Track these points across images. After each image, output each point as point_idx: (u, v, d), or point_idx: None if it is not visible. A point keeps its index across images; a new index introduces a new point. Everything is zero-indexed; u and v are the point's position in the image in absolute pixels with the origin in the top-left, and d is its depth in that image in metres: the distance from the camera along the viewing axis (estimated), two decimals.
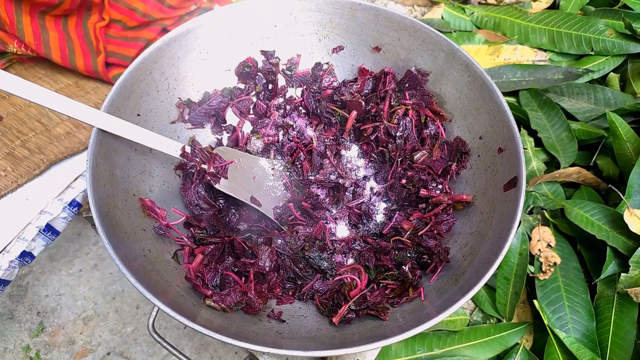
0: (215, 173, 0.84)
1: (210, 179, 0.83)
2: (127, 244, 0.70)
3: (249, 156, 0.90)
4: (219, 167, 0.84)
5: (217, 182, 0.84)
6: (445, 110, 0.89)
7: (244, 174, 0.88)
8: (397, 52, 0.92)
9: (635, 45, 1.23)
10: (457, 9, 1.48)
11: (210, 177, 0.83)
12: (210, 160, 0.83)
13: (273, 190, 0.91)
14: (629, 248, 0.95)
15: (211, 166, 0.83)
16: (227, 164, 0.85)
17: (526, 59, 1.32)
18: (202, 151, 0.83)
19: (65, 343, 1.14)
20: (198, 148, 0.83)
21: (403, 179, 0.87)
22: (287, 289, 0.80)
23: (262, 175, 0.90)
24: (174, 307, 0.62)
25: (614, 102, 1.18)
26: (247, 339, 0.62)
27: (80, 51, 1.13)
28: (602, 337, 0.95)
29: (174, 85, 0.88)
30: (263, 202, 0.88)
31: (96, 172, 0.71)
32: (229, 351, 1.14)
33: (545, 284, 1.02)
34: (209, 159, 0.83)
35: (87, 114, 0.72)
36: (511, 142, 0.77)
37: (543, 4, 1.48)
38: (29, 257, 0.98)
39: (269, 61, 0.95)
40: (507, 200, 0.75)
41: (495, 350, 1.00)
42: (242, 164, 0.88)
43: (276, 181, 0.91)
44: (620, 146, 1.05)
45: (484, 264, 0.69)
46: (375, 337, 0.66)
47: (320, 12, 0.91)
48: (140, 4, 1.20)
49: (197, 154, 0.82)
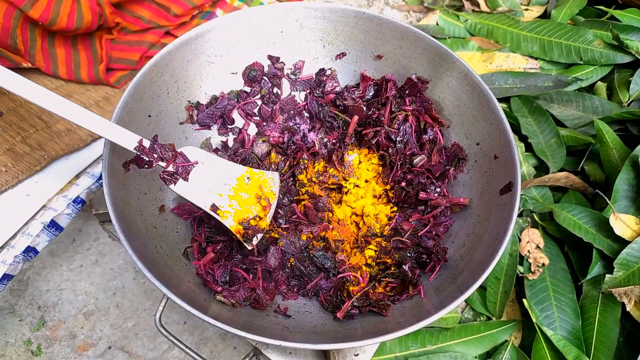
0: (173, 172, 0.77)
1: (165, 178, 0.77)
2: (141, 241, 0.72)
3: (222, 161, 0.84)
4: (178, 167, 0.78)
5: (174, 183, 0.77)
6: (443, 117, 0.93)
7: (210, 179, 0.81)
8: (398, 59, 0.95)
9: (622, 55, 1.28)
10: (451, 16, 1.52)
11: (167, 176, 0.77)
12: (171, 158, 0.77)
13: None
14: (614, 250, 0.99)
15: (170, 165, 0.77)
16: (192, 164, 0.80)
17: (518, 66, 1.36)
18: (162, 147, 0.77)
19: (66, 337, 1.16)
20: (158, 144, 0.76)
21: (403, 182, 0.90)
22: (292, 286, 0.84)
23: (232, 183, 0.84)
24: (188, 301, 0.65)
25: (601, 110, 1.22)
26: (255, 332, 0.64)
27: (86, 61, 1.16)
28: (587, 334, 1.00)
29: (183, 88, 0.90)
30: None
31: (111, 171, 0.73)
32: (228, 346, 1.17)
33: (534, 283, 1.06)
34: (169, 157, 0.77)
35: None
36: (507, 149, 0.81)
37: (534, 13, 1.52)
38: (32, 253, 0.99)
39: (275, 66, 0.98)
40: (502, 204, 0.78)
41: (485, 346, 1.04)
42: (209, 168, 0.82)
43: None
44: (606, 153, 1.09)
45: (480, 265, 0.72)
46: (377, 332, 0.70)
47: (325, 19, 0.94)
48: (146, 12, 1.23)
49: (156, 149, 0.76)
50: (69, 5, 1.05)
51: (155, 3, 1.25)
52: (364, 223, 0.89)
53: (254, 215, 0.81)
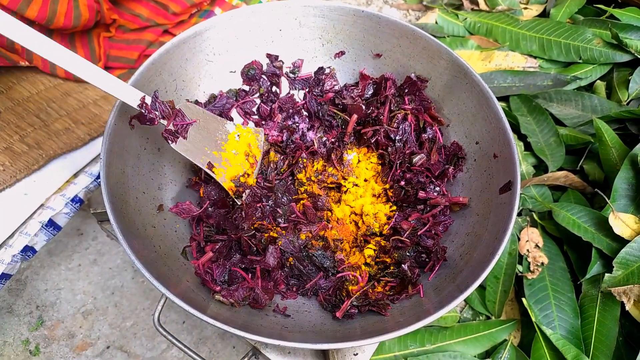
0: (174, 131, 0.79)
1: (167, 137, 0.78)
2: (139, 240, 0.72)
3: (215, 118, 0.86)
4: (178, 125, 0.79)
5: (175, 142, 0.79)
6: (443, 116, 0.93)
7: (206, 136, 0.83)
8: (398, 58, 0.95)
9: (621, 54, 1.28)
10: (450, 15, 1.51)
11: (168, 134, 0.78)
12: (171, 116, 0.78)
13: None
14: (613, 249, 0.99)
15: (171, 123, 0.78)
16: (190, 123, 0.81)
17: (517, 65, 1.36)
18: (163, 104, 0.77)
19: (64, 337, 1.16)
20: (159, 101, 0.77)
21: (402, 181, 0.90)
22: (291, 285, 0.83)
23: (225, 139, 0.86)
24: (186, 301, 0.65)
25: (600, 109, 1.22)
26: (254, 331, 0.64)
27: None
28: (586, 333, 1.00)
29: (181, 86, 0.90)
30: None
31: (109, 170, 0.73)
32: (227, 346, 1.16)
33: (533, 283, 1.06)
34: (169, 115, 0.78)
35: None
36: (506, 148, 0.80)
37: (534, 12, 1.52)
38: (30, 252, 0.99)
39: (273, 64, 0.97)
40: (502, 203, 0.78)
41: (485, 346, 1.03)
42: (205, 125, 0.83)
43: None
44: (605, 152, 1.10)
45: (480, 264, 0.72)
46: (377, 331, 0.69)
47: (324, 18, 0.94)
48: (144, 10, 1.23)
49: (157, 106, 0.77)
50: (65, 3, 1.04)
51: (154, 1, 1.25)
52: (363, 222, 0.89)
53: (243, 172, 0.85)
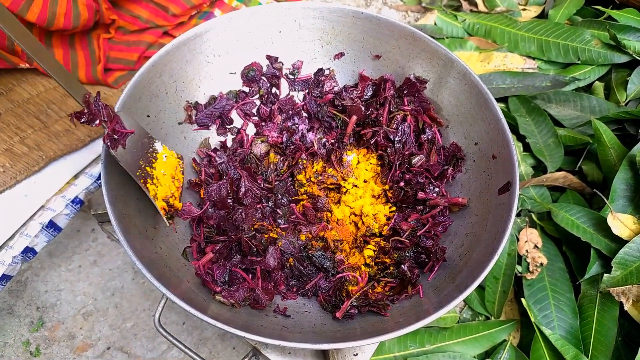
0: (115, 138, 0.75)
1: (108, 142, 0.74)
2: (139, 240, 0.72)
3: (147, 134, 0.82)
4: (119, 133, 0.76)
5: (115, 149, 0.75)
6: (442, 117, 0.93)
7: (141, 150, 0.80)
8: (397, 59, 0.95)
9: (620, 55, 1.28)
10: (449, 16, 1.52)
11: (109, 140, 0.74)
12: (112, 120, 0.74)
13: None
14: (612, 250, 0.99)
15: (113, 126, 0.75)
16: (128, 133, 0.77)
17: (516, 66, 1.36)
18: (104, 107, 0.73)
19: (65, 338, 1.16)
20: (101, 103, 0.73)
21: (401, 182, 0.90)
22: (291, 286, 0.84)
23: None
24: (187, 301, 0.65)
25: (598, 109, 1.23)
26: (255, 332, 0.64)
27: (83, 62, 1.16)
28: (585, 334, 1.00)
29: (181, 88, 0.90)
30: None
31: (110, 171, 0.73)
32: (227, 346, 1.17)
33: (532, 283, 1.07)
34: (110, 118, 0.74)
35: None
36: (505, 149, 0.81)
37: (532, 13, 1.52)
38: (31, 253, 0.99)
39: (273, 66, 0.98)
40: (501, 204, 0.78)
41: (484, 346, 1.04)
42: (139, 139, 0.80)
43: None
44: (604, 152, 1.10)
45: (479, 264, 0.72)
46: (376, 332, 0.70)
47: (324, 19, 0.95)
48: (144, 11, 1.23)
49: (98, 106, 0.72)
50: (64, 4, 1.04)
51: (154, 3, 1.25)
52: (362, 223, 0.89)
53: (171, 194, 0.84)
